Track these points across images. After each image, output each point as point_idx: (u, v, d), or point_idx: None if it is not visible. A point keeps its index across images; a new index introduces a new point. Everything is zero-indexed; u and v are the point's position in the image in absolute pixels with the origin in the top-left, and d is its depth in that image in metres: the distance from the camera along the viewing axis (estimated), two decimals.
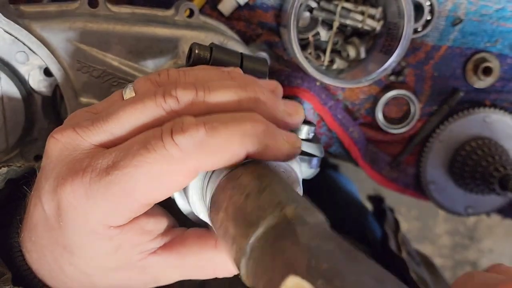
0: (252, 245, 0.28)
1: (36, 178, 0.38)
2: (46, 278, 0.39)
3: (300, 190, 0.37)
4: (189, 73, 0.38)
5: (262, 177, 0.32)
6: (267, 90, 0.38)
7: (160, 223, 0.38)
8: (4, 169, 0.42)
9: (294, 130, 0.49)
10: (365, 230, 0.88)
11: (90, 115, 0.37)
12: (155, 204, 0.36)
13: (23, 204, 0.40)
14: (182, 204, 0.40)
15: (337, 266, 0.25)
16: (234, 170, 0.34)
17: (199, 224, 0.40)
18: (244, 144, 0.33)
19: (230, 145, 0.33)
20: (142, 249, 0.37)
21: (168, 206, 0.40)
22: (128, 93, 0.38)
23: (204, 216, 0.38)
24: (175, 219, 0.40)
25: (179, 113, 0.34)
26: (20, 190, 0.41)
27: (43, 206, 0.35)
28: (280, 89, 0.41)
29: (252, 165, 0.34)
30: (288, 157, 0.36)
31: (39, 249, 0.37)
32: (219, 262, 0.38)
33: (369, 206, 1.02)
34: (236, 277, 0.31)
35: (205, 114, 0.34)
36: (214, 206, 0.33)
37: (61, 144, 0.35)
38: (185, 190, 0.38)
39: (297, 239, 0.26)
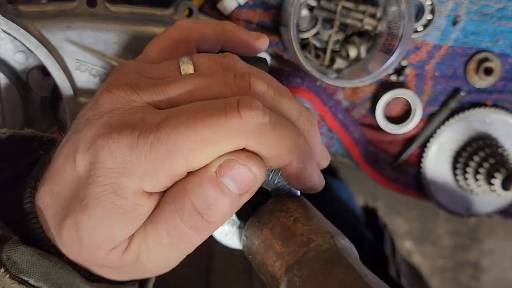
0: (301, 263, 0.32)
1: (72, 129, 0.36)
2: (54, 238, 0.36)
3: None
4: (256, 69, 0.38)
5: (308, 207, 0.38)
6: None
7: None
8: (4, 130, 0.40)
9: None
10: (363, 240, 0.88)
11: (147, 79, 0.36)
12: None
13: (43, 161, 0.38)
14: None
15: None
16: (279, 197, 0.39)
17: None
18: (292, 154, 0.34)
19: (283, 146, 0.33)
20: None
21: None
22: (187, 65, 0.37)
23: (228, 227, 0.41)
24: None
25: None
26: (27, 150, 0.39)
27: (78, 154, 0.33)
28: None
29: (292, 196, 0.40)
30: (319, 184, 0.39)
31: (60, 202, 0.35)
32: None
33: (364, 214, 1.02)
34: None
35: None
36: (256, 223, 0.37)
37: (114, 97, 0.34)
38: None
39: (350, 265, 0.32)
